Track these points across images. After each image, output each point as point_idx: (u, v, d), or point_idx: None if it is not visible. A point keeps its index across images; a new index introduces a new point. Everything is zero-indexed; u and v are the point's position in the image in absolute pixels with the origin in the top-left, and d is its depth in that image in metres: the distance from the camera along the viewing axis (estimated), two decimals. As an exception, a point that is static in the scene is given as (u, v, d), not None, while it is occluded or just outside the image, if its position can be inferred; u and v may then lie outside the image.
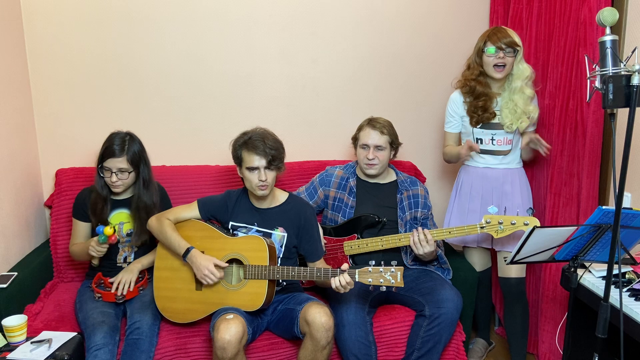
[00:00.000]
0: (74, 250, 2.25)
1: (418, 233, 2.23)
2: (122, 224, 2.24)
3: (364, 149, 2.39)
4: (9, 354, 1.79)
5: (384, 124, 2.39)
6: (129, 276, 2.15)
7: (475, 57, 2.39)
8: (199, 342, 2.05)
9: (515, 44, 2.31)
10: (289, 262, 2.17)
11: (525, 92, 2.35)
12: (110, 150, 2.12)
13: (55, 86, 2.58)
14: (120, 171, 2.14)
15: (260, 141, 2.03)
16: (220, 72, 2.73)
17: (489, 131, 2.42)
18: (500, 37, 2.30)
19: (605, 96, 1.43)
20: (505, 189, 2.44)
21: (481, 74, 2.39)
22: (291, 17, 2.75)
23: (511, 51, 2.30)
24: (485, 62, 2.35)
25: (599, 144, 2.25)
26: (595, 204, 2.26)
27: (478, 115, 2.39)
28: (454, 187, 2.62)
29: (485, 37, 2.36)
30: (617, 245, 1.45)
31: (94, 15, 2.55)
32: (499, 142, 2.42)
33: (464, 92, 2.45)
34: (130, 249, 2.26)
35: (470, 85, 2.40)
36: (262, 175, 2.03)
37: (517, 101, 2.34)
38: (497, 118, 2.40)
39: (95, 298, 2.10)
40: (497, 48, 2.29)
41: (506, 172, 2.45)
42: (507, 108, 2.36)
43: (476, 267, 2.56)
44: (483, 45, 2.35)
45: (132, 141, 2.18)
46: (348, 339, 2.08)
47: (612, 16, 1.50)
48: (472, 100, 2.41)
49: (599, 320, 1.51)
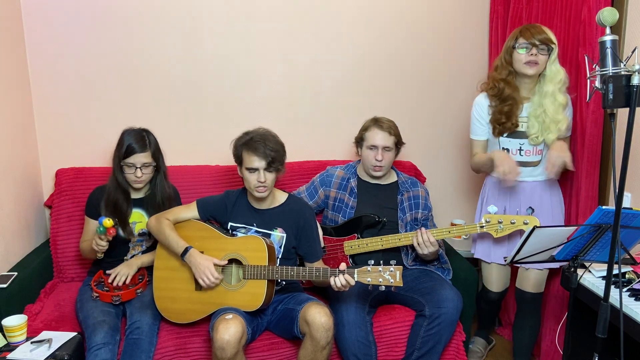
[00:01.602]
0: (84, 248, 2.26)
1: (422, 234, 2.22)
2: (135, 223, 2.25)
3: (372, 150, 2.36)
4: (9, 354, 1.79)
5: (390, 125, 2.38)
6: (127, 270, 2.15)
7: (505, 55, 2.20)
8: (199, 342, 2.05)
9: (550, 41, 2.12)
10: (288, 262, 2.17)
11: (556, 98, 2.13)
12: (132, 146, 2.15)
13: (55, 86, 2.58)
14: (145, 166, 2.17)
15: (261, 142, 2.02)
16: (220, 72, 2.73)
17: (517, 140, 2.22)
18: (533, 33, 2.11)
19: (605, 96, 1.43)
20: (534, 204, 2.26)
21: (510, 73, 2.20)
22: (291, 17, 2.75)
23: (545, 48, 2.12)
24: (515, 60, 2.16)
25: (598, 144, 2.25)
26: (595, 204, 2.26)
27: (500, 125, 2.20)
28: (479, 200, 2.45)
29: (517, 33, 2.17)
30: (617, 245, 1.45)
31: (94, 15, 2.55)
32: (528, 153, 2.23)
33: (490, 94, 2.25)
34: (140, 248, 2.27)
35: (499, 86, 2.20)
36: (261, 177, 2.03)
37: (547, 107, 2.13)
38: (522, 126, 2.21)
39: (92, 297, 2.10)
40: (530, 44, 2.11)
41: (534, 185, 2.26)
42: (534, 116, 2.16)
43: (492, 287, 2.41)
44: (514, 42, 2.16)
45: (150, 135, 2.22)
46: (348, 339, 2.08)
47: (612, 16, 1.50)
48: (498, 105, 2.22)
49: (599, 320, 1.50)
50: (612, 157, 1.93)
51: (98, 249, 2.08)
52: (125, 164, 2.16)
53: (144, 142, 2.17)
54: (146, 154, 2.16)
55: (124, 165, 2.17)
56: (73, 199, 2.48)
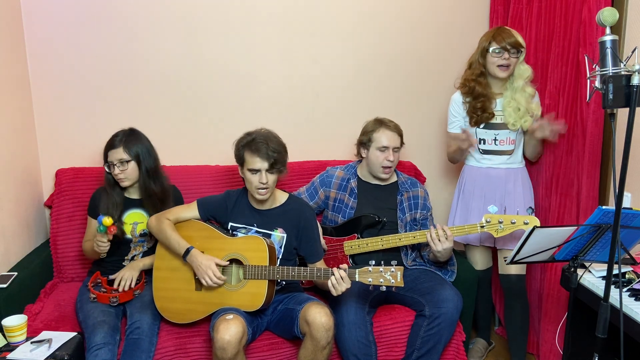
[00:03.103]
0: (86, 248, 2.27)
1: (437, 229, 2.20)
2: (136, 223, 2.25)
3: (383, 151, 2.36)
4: (9, 354, 1.79)
5: (397, 125, 2.41)
6: (131, 273, 2.15)
7: (479, 57, 2.40)
8: (199, 342, 2.05)
9: (520, 44, 2.33)
10: (289, 263, 2.17)
11: (526, 91, 2.37)
12: (109, 143, 2.19)
13: (55, 86, 2.58)
14: (120, 162, 2.16)
15: (264, 144, 2.02)
16: (220, 72, 2.73)
17: (492, 131, 2.43)
18: (505, 37, 2.31)
19: (605, 96, 1.43)
20: (508, 187, 2.45)
21: (482, 74, 2.40)
22: (291, 17, 2.75)
23: (515, 52, 2.32)
24: (489, 62, 2.37)
25: (599, 144, 2.25)
26: (595, 204, 2.26)
27: (477, 115, 2.41)
28: (457, 187, 2.63)
29: (490, 37, 2.36)
30: (617, 245, 1.45)
31: (94, 15, 2.55)
32: (502, 142, 2.44)
33: (463, 93, 2.46)
34: (142, 248, 2.27)
35: (470, 85, 2.42)
36: (263, 178, 2.03)
37: (520, 100, 2.36)
38: (497, 118, 2.41)
39: (90, 299, 2.09)
40: (502, 48, 2.30)
41: (509, 172, 2.46)
42: (510, 107, 2.38)
43: (477, 266, 2.58)
44: (488, 45, 2.35)
45: (132, 133, 2.23)
46: (348, 339, 2.08)
47: (612, 16, 1.50)
48: (471, 101, 2.42)
49: (599, 320, 1.51)
50: (612, 157, 1.94)
51: (100, 250, 2.08)
52: (107, 164, 2.20)
53: (117, 139, 2.19)
54: (118, 150, 2.16)
55: (107, 164, 2.20)
56: (73, 199, 2.48)
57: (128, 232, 2.23)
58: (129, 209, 2.26)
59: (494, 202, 2.44)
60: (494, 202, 2.44)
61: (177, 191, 2.37)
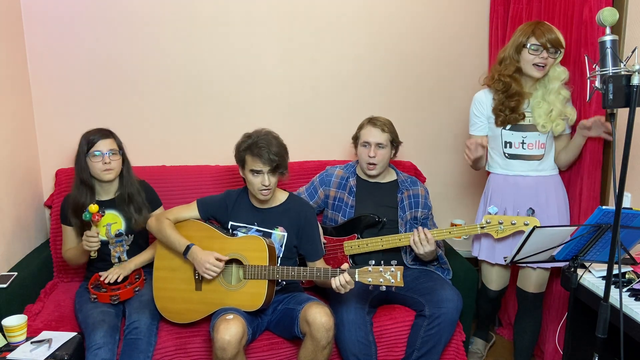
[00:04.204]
0: (68, 256, 2.25)
1: (418, 232, 2.22)
2: (110, 224, 2.23)
3: (365, 146, 2.38)
4: (9, 354, 1.79)
5: (384, 122, 2.39)
6: (119, 270, 2.15)
7: (513, 52, 2.17)
8: (199, 342, 2.05)
9: (560, 44, 2.13)
10: (289, 262, 2.17)
11: (562, 94, 2.18)
12: (94, 138, 2.16)
13: (55, 86, 2.58)
14: (112, 152, 2.17)
15: (265, 148, 2.01)
16: (220, 72, 2.73)
17: (519, 133, 2.22)
18: (545, 32, 2.10)
19: (605, 96, 1.43)
20: (540, 200, 2.24)
21: (517, 70, 2.18)
22: (291, 17, 2.75)
23: (554, 51, 2.13)
24: (523, 59, 2.15)
25: (599, 144, 2.25)
26: (595, 204, 2.26)
27: (505, 114, 2.20)
28: (482, 198, 2.43)
29: (528, 32, 2.13)
30: (617, 245, 1.45)
31: (94, 15, 2.55)
32: (530, 146, 2.22)
33: (496, 89, 2.22)
34: (122, 248, 2.26)
35: (506, 81, 2.18)
36: (266, 180, 2.03)
37: (554, 103, 2.17)
38: (526, 120, 2.22)
39: (91, 299, 2.09)
40: (541, 45, 2.09)
41: (539, 180, 2.25)
42: (540, 108, 2.18)
43: (492, 285, 2.42)
44: (525, 40, 2.13)
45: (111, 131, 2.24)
46: (348, 339, 2.08)
47: (612, 16, 1.50)
48: (504, 100, 2.20)
49: (599, 320, 1.50)
50: (612, 157, 1.93)
51: (90, 247, 2.07)
52: (91, 155, 2.15)
53: (107, 132, 2.20)
54: (110, 141, 2.19)
55: (90, 157, 2.15)
56: (73, 199, 2.47)
57: (103, 235, 2.20)
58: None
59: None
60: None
61: (149, 186, 2.35)
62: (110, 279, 2.10)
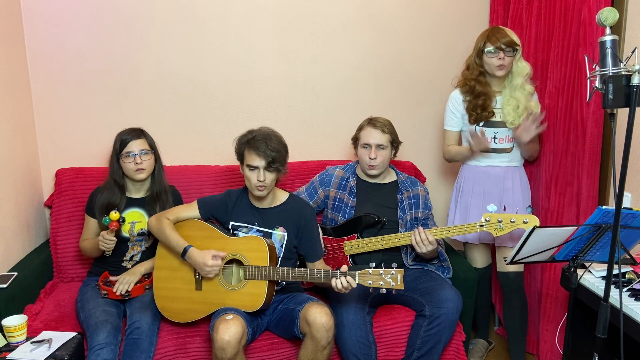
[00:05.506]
0: (84, 246, 2.28)
1: (419, 233, 2.22)
2: (135, 222, 2.25)
3: (366, 148, 2.39)
4: (9, 354, 1.79)
5: (384, 123, 2.40)
6: (131, 277, 2.16)
7: (475, 57, 2.42)
8: (199, 342, 2.05)
9: (514, 43, 2.33)
10: (289, 262, 2.17)
11: (525, 89, 2.38)
12: (126, 137, 2.21)
13: (55, 86, 2.58)
14: (143, 152, 2.21)
15: (263, 142, 2.03)
16: (220, 72, 2.73)
17: (491, 129, 2.44)
18: (499, 37, 2.33)
19: (605, 96, 1.43)
20: (506, 185, 2.47)
21: (481, 73, 2.42)
22: (291, 17, 2.75)
23: (510, 50, 2.33)
24: (485, 62, 2.39)
25: (599, 144, 2.25)
26: (595, 204, 2.26)
27: (477, 113, 2.42)
28: (455, 186, 2.64)
29: (484, 37, 2.38)
30: (617, 245, 1.45)
31: (94, 15, 2.55)
32: (501, 141, 2.45)
33: (463, 92, 2.48)
34: (139, 248, 2.27)
35: (470, 84, 2.43)
36: (261, 176, 2.03)
37: (519, 98, 2.38)
38: (496, 116, 2.43)
39: (101, 295, 2.11)
40: (497, 48, 2.32)
41: (507, 170, 2.48)
42: (508, 105, 2.39)
43: (477, 264, 2.60)
44: (483, 46, 2.37)
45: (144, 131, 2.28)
46: (348, 339, 2.08)
47: (612, 16, 1.50)
48: (472, 99, 2.44)
49: (599, 320, 1.50)
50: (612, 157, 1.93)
51: (106, 247, 2.10)
52: (123, 156, 2.19)
53: (138, 132, 2.25)
54: (142, 141, 2.23)
55: (123, 157, 2.19)
56: (73, 199, 2.48)
57: (126, 231, 2.24)
58: (129, 208, 2.27)
59: (492, 201, 2.45)
60: (492, 200, 2.45)
61: (177, 191, 2.39)
62: (122, 290, 2.10)
